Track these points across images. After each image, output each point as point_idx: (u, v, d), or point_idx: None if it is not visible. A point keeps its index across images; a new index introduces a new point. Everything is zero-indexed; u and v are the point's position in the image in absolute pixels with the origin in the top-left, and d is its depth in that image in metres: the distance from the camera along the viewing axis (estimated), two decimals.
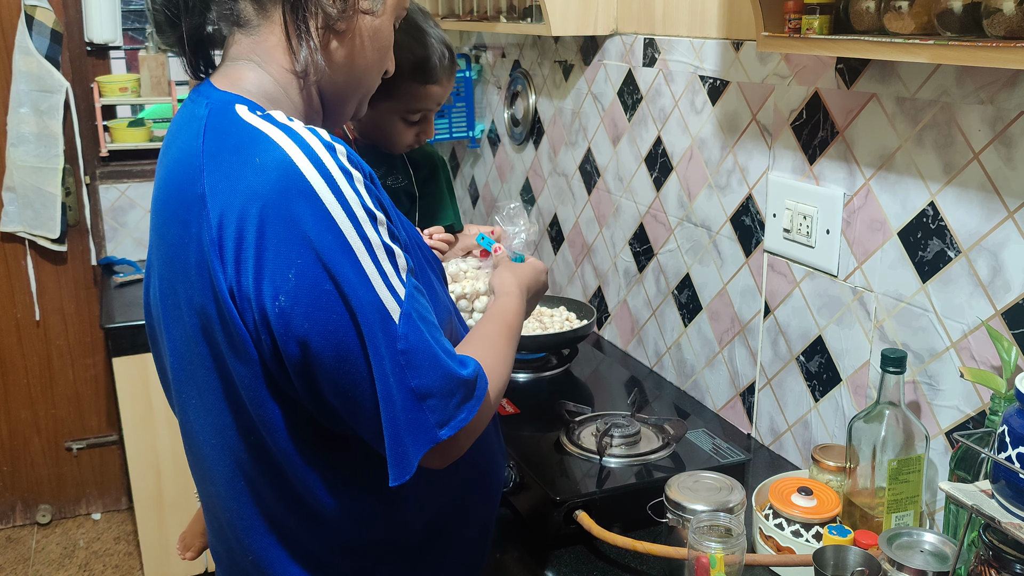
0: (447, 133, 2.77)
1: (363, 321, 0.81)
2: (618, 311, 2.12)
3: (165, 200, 0.89)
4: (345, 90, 0.97)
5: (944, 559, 1.04)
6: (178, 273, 0.88)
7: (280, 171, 0.80)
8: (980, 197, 1.18)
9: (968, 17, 1.03)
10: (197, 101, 0.91)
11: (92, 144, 2.94)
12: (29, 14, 2.75)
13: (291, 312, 0.81)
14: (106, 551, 3.07)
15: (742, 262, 1.66)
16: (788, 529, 1.22)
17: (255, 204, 0.80)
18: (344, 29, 0.92)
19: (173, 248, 0.87)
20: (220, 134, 0.85)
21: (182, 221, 0.85)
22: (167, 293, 0.91)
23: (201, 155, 0.85)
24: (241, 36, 0.93)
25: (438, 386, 0.85)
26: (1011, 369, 1.11)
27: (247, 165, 0.81)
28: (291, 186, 0.80)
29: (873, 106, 1.33)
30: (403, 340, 0.83)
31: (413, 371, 0.83)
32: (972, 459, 1.13)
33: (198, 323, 0.87)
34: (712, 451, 1.44)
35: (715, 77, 1.68)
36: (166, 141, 0.96)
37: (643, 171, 1.94)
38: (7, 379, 3.09)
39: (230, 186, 0.81)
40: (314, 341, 0.81)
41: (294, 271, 0.80)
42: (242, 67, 0.92)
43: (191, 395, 0.93)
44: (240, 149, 0.83)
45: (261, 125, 0.84)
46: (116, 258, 3.01)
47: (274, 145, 0.82)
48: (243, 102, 0.88)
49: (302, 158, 0.81)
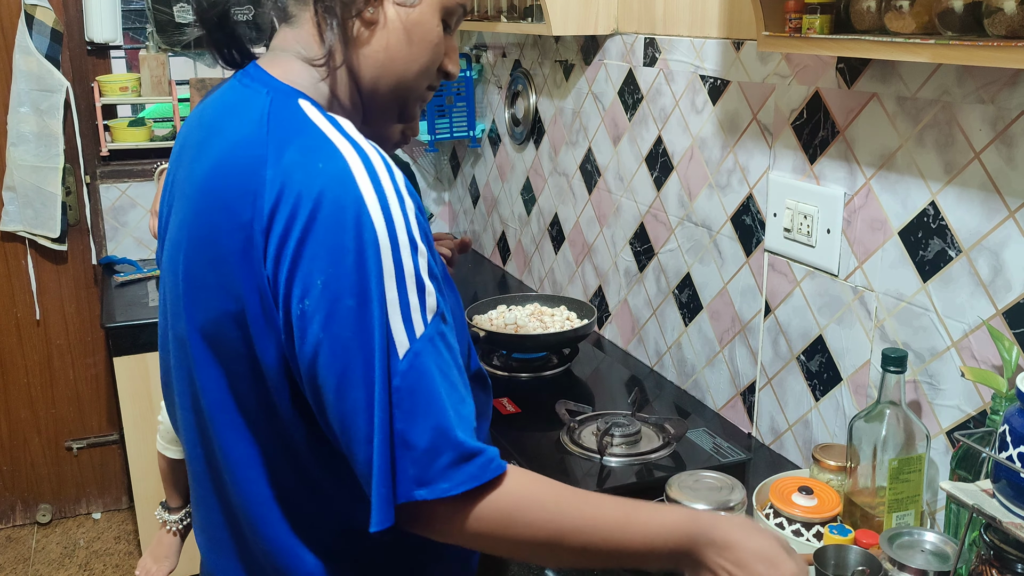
0: (448, 133, 2.77)
1: (370, 346, 0.80)
2: (619, 310, 2.12)
3: (217, 180, 0.87)
4: (383, 87, 0.96)
5: (945, 559, 1.04)
6: (213, 255, 0.87)
7: (338, 181, 0.81)
8: (981, 196, 1.18)
9: (969, 16, 1.03)
10: (252, 86, 0.91)
11: (92, 144, 2.94)
12: (29, 13, 2.75)
13: (311, 317, 0.81)
14: (106, 551, 3.07)
15: (743, 261, 1.66)
16: (789, 528, 1.22)
17: (306, 206, 0.81)
18: (372, 19, 0.92)
19: (213, 231, 0.87)
20: (287, 129, 0.85)
21: (231, 207, 0.85)
22: (196, 275, 0.90)
23: (265, 145, 0.84)
24: (286, 28, 0.94)
25: (425, 438, 0.80)
26: (1012, 368, 1.11)
27: (310, 167, 0.82)
28: (343, 197, 0.81)
29: (874, 106, 1.33)
30: (400, 377, 0.80)
31: (401, 413, 0.80)
32: (973, 458, 1.13)
33: (232, 308, 0.86)
34: (713, 450, 1.44)
35: (716, 77, 1.68)
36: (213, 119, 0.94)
37: (644, 171, 1.94)
38: (7, 379, 3.08)
39: (288, 184, 0.82)
40: (324, 352, 0.81)
41: (323, 278, 0.80)
42: (290, 59, 0.93)
43: (213, 377, 0.92)
44: (305, 150, 0.83)
45: (328, 131, 0.85)
46: (117, 257, 3.01)
47: (338, 154, 0.83)
48: (305, 98, 0.89)
49: (362, 172, 0.82)
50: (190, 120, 1.01)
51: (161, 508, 1.60)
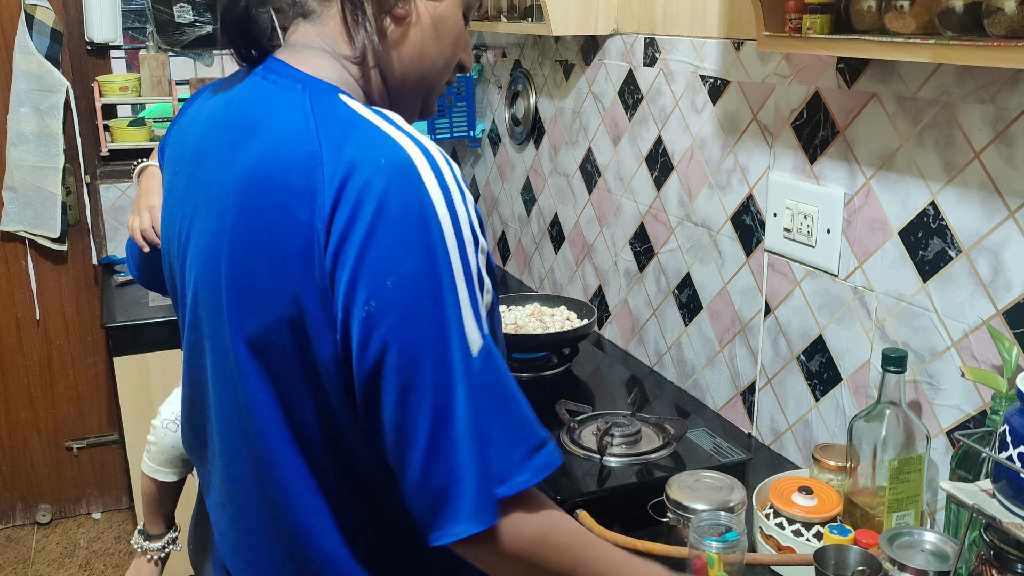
0: (448, 133, 2.77)
1: (447, 348, 0.78)
2: (619, 310, 2.12)
3: (263, 181, 0.83)
4: (410, 82, 0.94)
5: (945, 559, 1.04)
6: (269, 259, 0.82)
7: (403, 175, 0.79)
8: (981, 196, 1.18)
9: (969, 16, 1.03)
10: (281, 81, 0.88)
11: (92, 144, 2.94)
12: (29, 13, 2.75)
13: (380, 319, 0.78)
14: (106, 551, 3.07)
15: (743, 261, 1.66)
16: (789, 528, 1.22)
17: (371, 203, 0.78)
18: (403, 14, 0.90)
19: (266, 233, 0.82)
20: (337, 123, 0.82)
21: (286, 207, 0.81)
22: (243, 279, 0.85)
23: (317, 141, 0.81)
24: (306, 25, 0.91)
25: (505, 433, 0.80)
26: (1012, 368, 1.11)
27: (371, 163, 0.79)
28: (409, 192, 0.78)
29: (874, 105, 1.33)
30: (479, 375, 0.79)
31: (482, 411, 0.79)
32: (973, 458, 1.13)
33: (287, 312, 0.82)
34: (713, 450, 1.44)
35: (716, 77, 1.68)
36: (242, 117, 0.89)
37: (644, 171, 1.94)
38: (7, 379, 3.09)
39: (349, 180, 0.79)
40: (391, 355, 0.78)
41: (393, 279, 0.77)
42: (316, 55, 0.90)
43: (261, 387, 0.87)
44: (365, 145, 0.80)
45: (383, 125, 0.82)
46: (117, 257, 3.01)
47: (399, 148, 0.80)
48: (344, 93, 0.86)
49: (425, 166, 0.80)
50: (205, 119, 0.96)
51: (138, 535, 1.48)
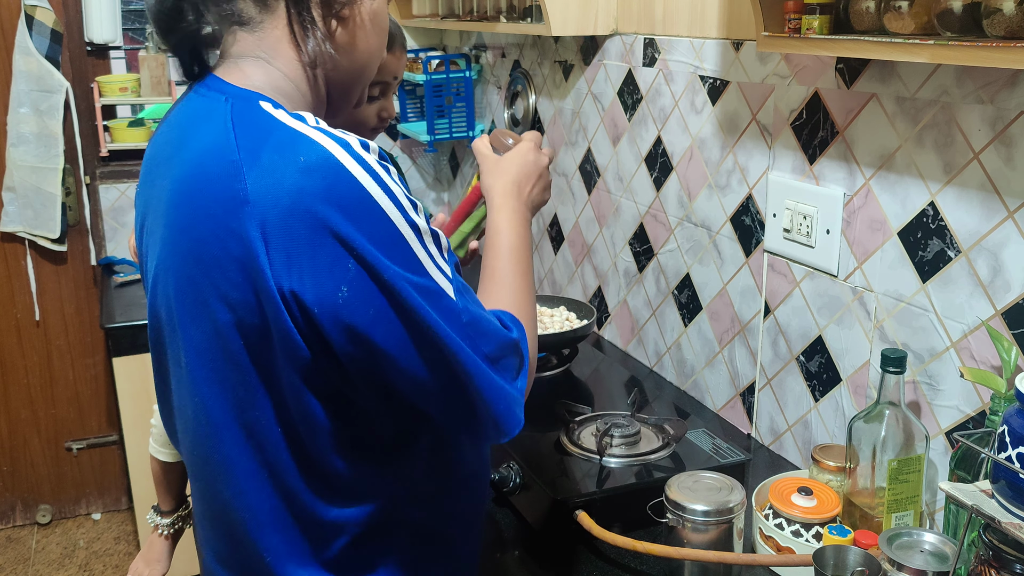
0: (447, 133, 2.77)
1: (424, 306, 0.83)
2: (618, 311, 2.12)
3: (190, 194, 0.87)
4: (350, 78, 0.97)
5: (944, 559, 1.04)
6: (207, 269, 0.86)
7: (326, 169, 0.81)
8: (980, 197, 1.18)
9: (968, 17, 1.03)
10: (209, 96, 0.90)
11: (92, 144, 2.94)
12: (29, 14, 2.75)
13: (353, 307, 0.82)
14: (106, 551, 3.07)
15: (742, 262, 1.66)
16: (788, 529, 1.22)
17: (304, 203, 0.80)
18: (348, 15, 0.93)
19: (201, 244, 0.85)
20: (254, 130, 0.85)
21: (216, 217, 0.84)
22: (187, 290, 0.89)
23: (236, 150, 0.83)
24: (244, 34, 0.92)
25: (501, 347, 0.90)
26: (1011, 369, 1.11)
27: (292, 164, 0.81)
28: (339, 182, 0.81)
29: (873, 106, 1.33)
30: (465, 313, 0.87)
31: (482, 338, 0.88)
32: (972, 459, 1.13)
33: (231, 318, 0.85)
34: (712, 451, 1.44)
35: (715, 77, 1.68)
36: (176, 133, 0.93)
37: (643, 171, 1.94)
38: (7, 379, 3.09)
39: (276, 184, 0.81)
40: (378, 333, 0.83)
41: (352, 264, 0.81)
42: (249, 64, 0.92)
43: (213, 394, 0.91)
44: (282, 148, 0.83)
45: (297, 125, 0.85)
46: (116, 258, 3.01)
47: (316, 144, 0.82)
48: (265, 99, 0.88)
49: (344, 155, 0.82)
50: (154, 138, 1.00)
51: (153, 512, 1.59)
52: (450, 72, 2.71)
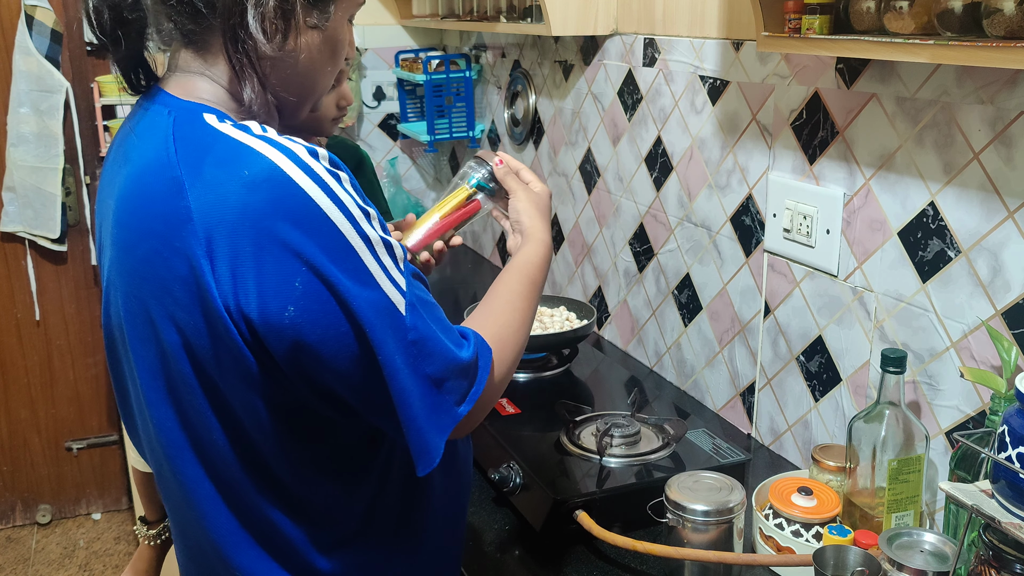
0: (447, 133, 2.77)
1: (372, 321, 0.81)
2: (618, 311, 2.12)
3: (133, 212, 0.85)
4: (300, 97, 0.94)
5: (944, 559, 1.04)
6: (152, 288, 0.84)
7: (272, 182, 0.79)
8: (980, 197, 1.18)
9: (968, 17, 1.03)
10: (153, 109, 0.88)
11: (92, 144, 2.94)
12: (29, 14, 2.75)
13: (300, 323, 0.80)
14: (106, 551, 3.07)
15: (742, 262, 1.66)
16: (788, 529, 1.22)
17: (250, 218, 0.78)
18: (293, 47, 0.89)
19: (146, 263, 0.83)
20: (195, 144, 0.82)
21: (159, 235, 0.81)
22: (135, 310, 0.87)
23: (176, 166, 0.81)
24: (189, 52, 0.90)
25: (447, 369, 0.87)
26: (1011, 369, 1.11)
27: (235, 179, 0.79)
28: (285, 196, 0.78)
29: (873, 106, 1.33)
30: (413, 331, 0.84)
31: (426, 359, 0.85)
32: (972, 459, 1.13)
33: (179, 339, 0.84)
34: (712, 451, 1.44)
35: (715, 77, 1.68)
36: (120, 149, 0.91)
37: (643, 171, 1.94)
38: (7, 379, 3.09)
39: (220, 200, 0.79)
40: (326, 349, 0.81)
41: (299, 280, 0.79)
42: (195, 79, 0.89)
43: (167, 416, 0.90)
44: (224, 162, 0.80)
45: (241, 137, 0.82)
46: None
47: (260, 156, 0.80)
48: (210, 111, 0.85)
49: (291, 166, 0.80)
50: (107, 153, 0.98)
51: (139, 522, 1.56)
52: (450, 72, 2.71)
